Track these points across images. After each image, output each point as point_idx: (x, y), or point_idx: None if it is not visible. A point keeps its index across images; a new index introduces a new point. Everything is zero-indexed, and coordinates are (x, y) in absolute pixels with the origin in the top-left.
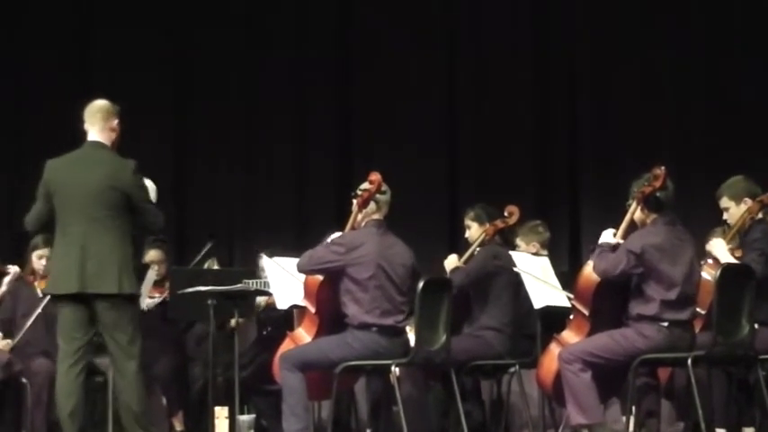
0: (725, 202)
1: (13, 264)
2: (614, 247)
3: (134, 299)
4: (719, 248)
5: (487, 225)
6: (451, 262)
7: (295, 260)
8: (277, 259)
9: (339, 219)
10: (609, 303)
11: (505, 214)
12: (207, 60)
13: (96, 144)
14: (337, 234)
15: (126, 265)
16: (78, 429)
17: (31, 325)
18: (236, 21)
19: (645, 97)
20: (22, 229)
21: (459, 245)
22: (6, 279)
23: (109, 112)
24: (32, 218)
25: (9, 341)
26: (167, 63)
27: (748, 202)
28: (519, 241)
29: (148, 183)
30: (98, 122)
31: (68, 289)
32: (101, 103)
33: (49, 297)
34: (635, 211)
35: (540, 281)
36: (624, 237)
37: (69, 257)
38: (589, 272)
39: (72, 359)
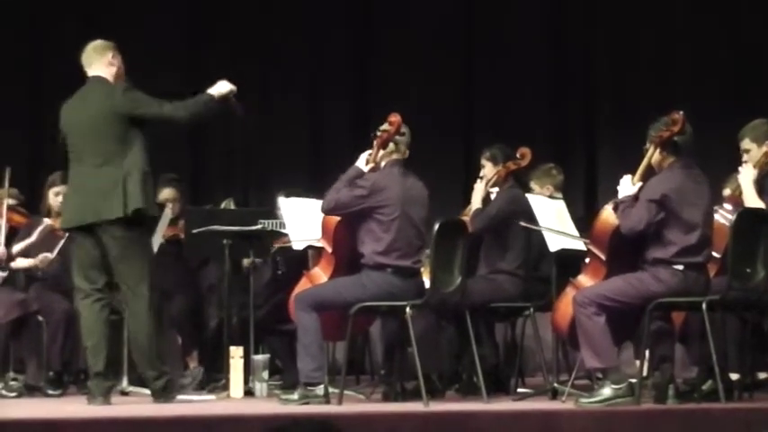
0: (746, 143)
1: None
2: (634, 198)
3: (141, 227)
4: (747, 179)
5: (501, 166)
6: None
7: (312, 200)
8: (295, 200)
9: (355, 160)
10: (626, 248)
11: (517, 156)
12: (221, 10)
13: (95, 78)
14: (363, 158)
15: (128, 187)
16: (103, 364)
17: (48, 263)
18: None
19: (662, 41)
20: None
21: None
22: (38, 229)
23: (102, 47)
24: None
25: (48, 254)
26: (181, 6)
27: None
28: (533, 184)
29: None
30: (94, 61)
31: (75, 221)
32: (93, 42)
33: (66, 236)
34: (652, 156)
35: (558, 233)
36: (642, 180)
37: (75, 191)
38: (606, 216)
39: (93, 296)
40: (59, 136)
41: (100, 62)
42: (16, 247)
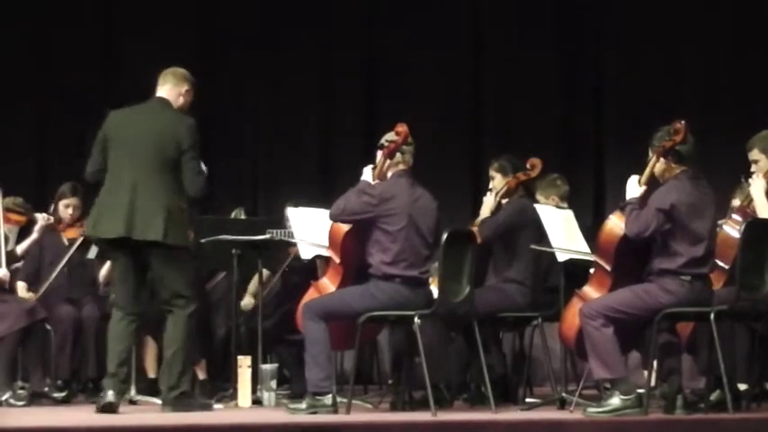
0: (755, 154)
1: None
2: (641, 200)
3: (183, 250)
4: (758, 191)
5: (510, 177)
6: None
7: (320, 210)
8: (303, 210)
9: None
10: (631, 258)
11: (528, 167)
12: (230, 13)
13: (160, 99)
14: (368, 170)
15: (173, 215)
16: (123, 373)
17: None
18: None
19: (671, 48)
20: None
21: (482, 197)
22: (37, 226)
23: (182, 77)
24: (90, 169)
25: (32, 294)
26: (189, 17)
27: None
28: (538, 195)
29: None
30: (168, 83)
31: (113, 233)
32: (175, 68)
33: (76, 245)
34: (655, 165)
35: (568, 251)
36: (646, 185)
37: (118, 203)
38: (611, 227)
39: (128, 316)
40: (99, 139)
41: (173, 89)
42: (20, 247)
